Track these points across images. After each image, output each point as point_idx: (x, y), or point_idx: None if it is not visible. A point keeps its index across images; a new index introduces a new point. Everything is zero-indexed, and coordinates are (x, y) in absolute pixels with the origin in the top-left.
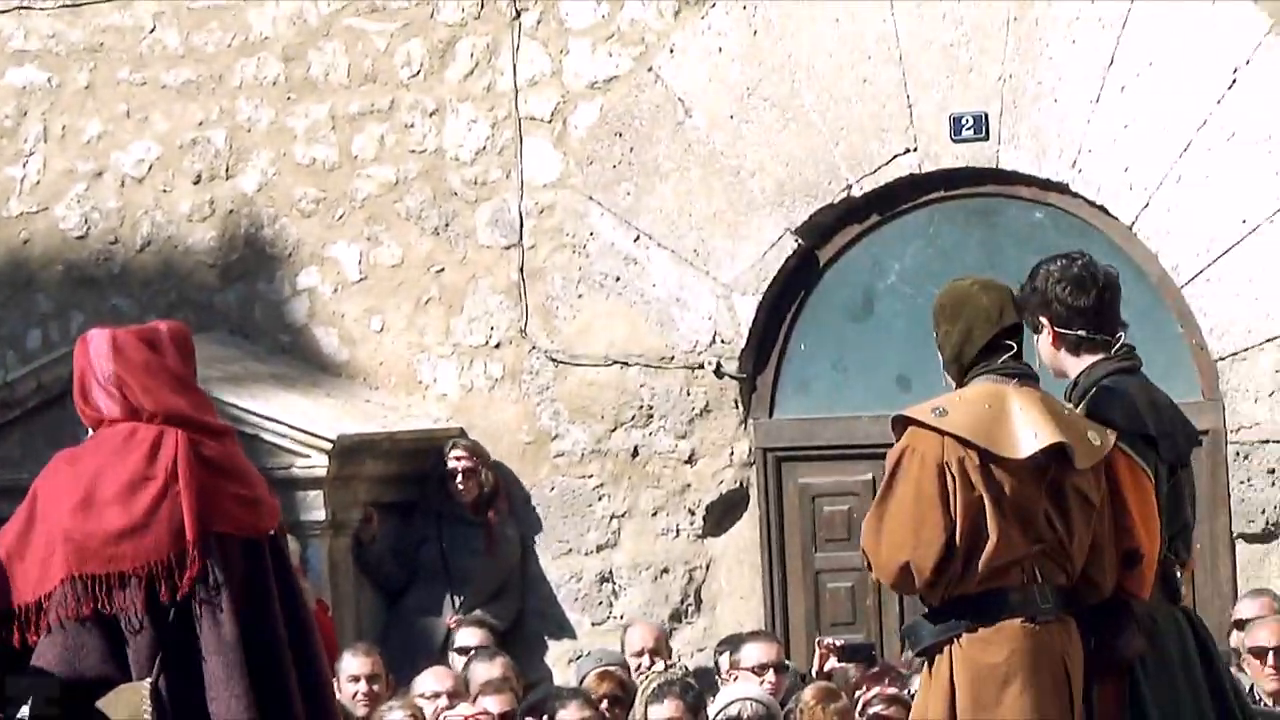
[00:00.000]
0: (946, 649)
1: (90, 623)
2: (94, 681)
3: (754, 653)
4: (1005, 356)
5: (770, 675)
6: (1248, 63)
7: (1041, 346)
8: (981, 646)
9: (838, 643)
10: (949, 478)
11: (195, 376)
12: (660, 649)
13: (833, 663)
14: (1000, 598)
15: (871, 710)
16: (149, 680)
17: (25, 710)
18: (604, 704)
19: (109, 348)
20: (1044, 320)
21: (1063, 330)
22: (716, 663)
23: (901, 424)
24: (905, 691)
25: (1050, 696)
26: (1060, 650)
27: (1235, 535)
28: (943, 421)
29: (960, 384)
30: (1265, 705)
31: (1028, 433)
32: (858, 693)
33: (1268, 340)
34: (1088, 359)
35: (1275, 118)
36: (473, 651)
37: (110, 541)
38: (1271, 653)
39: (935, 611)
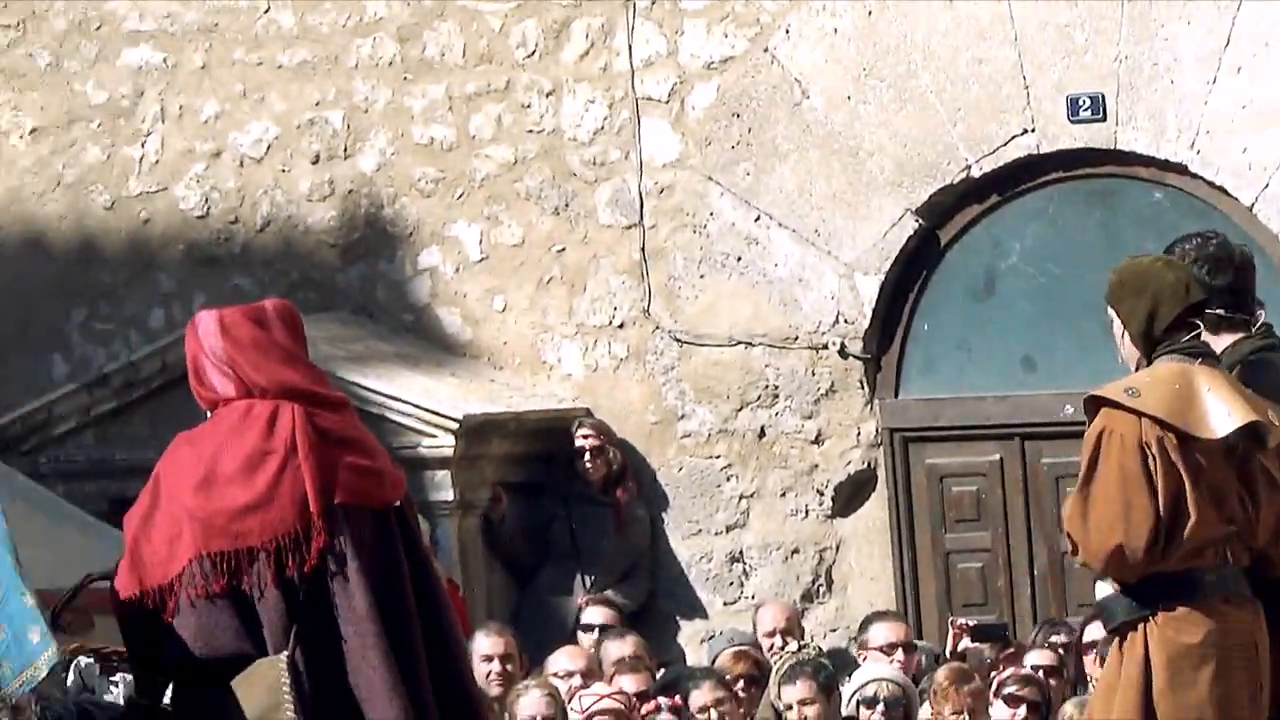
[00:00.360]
0: (1141, 627)
1: (221, 600)
2: (229, 658)
3: (881, 633)
4: (1188, 336)
5: (899, 655)
6: None
7: None
8: (1178, 626)
9: (970, 623)
10: (1150, 458)
11: (306, 351)
12: (792, 629)
13: (966, 643)
14: (1196, 578)
15: (1006, 691)
16: (285, 654)
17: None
18: (739, 684)
19: (217, 327)
20: None
21: None
22: (861, 641)
23: (1094, 405)
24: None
25: (1243, 677)
26: (1251, 631)
27: None
28: (1137, 402)
29: (1148, 360)
30: None
31: (1221, 412)
32: (992, 674)
33: None
34: (1228, 338)
35: None
36: (603, 630)
37: (235, 518)
38: None
39: (1129, 590)
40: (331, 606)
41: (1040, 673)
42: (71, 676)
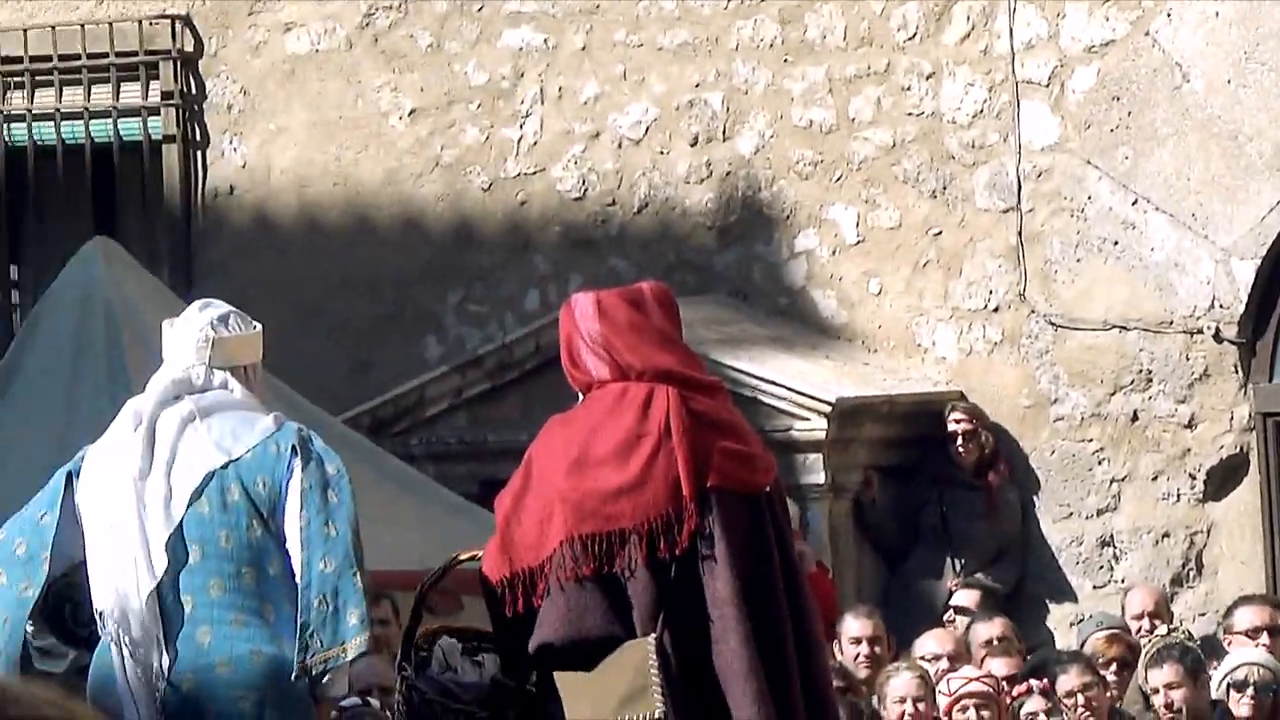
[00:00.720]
0: None
1: (590, 583)
2: (597, 641)
3: (1247, 616)
4: None
5: (1264, 639)
6: None
7: None
8: None
9: None
10: None
11: (681, 335)
12: (1160, 612)
13: None
14: None
15: None
16: (653, 636)
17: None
18: (1111, 667)
19: (594, 309)
20: None
21: None
22: (1226, 625)
23: None
24: None
25: None
26: None
27: None
28: None
29: None
30: None
31: None
32: None
33: None
34: None
35: None
36: (972, 613)
37: (608, 500)
38: None
39: None
40: (699, 589)
41: None
42: (435, 655)
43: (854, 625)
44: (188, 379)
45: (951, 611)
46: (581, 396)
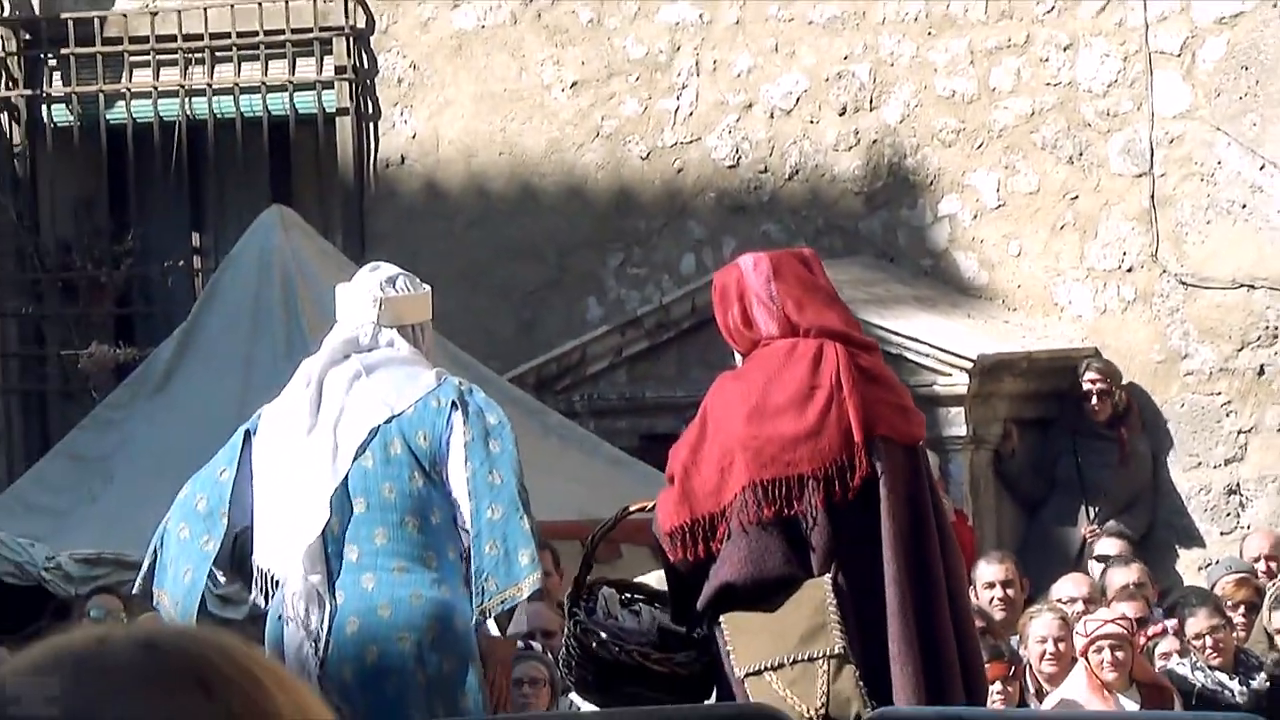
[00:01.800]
0: None
1: (771, 525)
2: (775, 581)
3: None
4: None
5: None
6: None
7: None
8: None
9: None
10: None
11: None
12: (1277, 555)
13: None
14: None
15: None
16: (829, 576)
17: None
18: (1240, 610)
19: (769, 269)
20: None
21: None
22: None
23: None
24: None
25: None
26: None
27: None
28: None
29: None
30: None
31: None
32: None
33: None
34: None
35: None
36: (1110, 559)
37: (788, 447)
38: None
39: None
40: (868, 531)
41: None
42: (599, 604)
43: (988, 571)
44: (356, 338)
45: (1095, 559)
46: (739, 357)
